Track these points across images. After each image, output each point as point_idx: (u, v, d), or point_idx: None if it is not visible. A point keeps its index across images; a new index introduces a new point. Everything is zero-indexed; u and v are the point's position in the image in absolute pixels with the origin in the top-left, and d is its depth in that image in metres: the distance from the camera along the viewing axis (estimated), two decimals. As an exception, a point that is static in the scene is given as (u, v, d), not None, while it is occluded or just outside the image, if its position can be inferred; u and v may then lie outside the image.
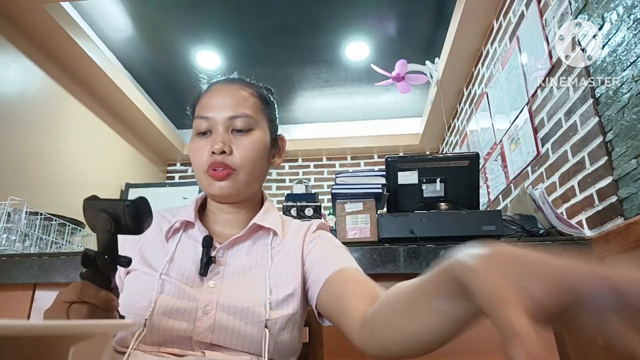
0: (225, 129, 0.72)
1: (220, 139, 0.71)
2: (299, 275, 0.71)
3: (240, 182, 0.73)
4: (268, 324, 0.64)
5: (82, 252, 0.51)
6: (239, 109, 0.73)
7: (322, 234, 0.78)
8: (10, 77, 2.31)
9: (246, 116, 0.73)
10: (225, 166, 0.71)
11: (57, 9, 2.37)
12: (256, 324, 0.64)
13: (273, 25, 2.90)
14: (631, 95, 1.17)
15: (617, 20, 1.24)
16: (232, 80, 0.79)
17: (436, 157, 1.70)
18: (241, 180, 0.73)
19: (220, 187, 0.71)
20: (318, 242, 0.75)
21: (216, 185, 0.71)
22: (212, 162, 0.71)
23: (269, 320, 0.64)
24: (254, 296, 0.66)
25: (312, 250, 0.74)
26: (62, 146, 2.73)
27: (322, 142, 4.17)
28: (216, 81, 0.80)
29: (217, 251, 0.71)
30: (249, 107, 0.75)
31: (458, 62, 2.77)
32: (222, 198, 0.75)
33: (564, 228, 1.27)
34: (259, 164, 0.75)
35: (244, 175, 0.73)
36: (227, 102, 0.74)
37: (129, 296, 0.65)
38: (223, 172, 0.71)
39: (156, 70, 3.37)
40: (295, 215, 1.63)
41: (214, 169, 0.71)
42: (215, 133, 0.72)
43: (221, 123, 0.72)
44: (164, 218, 0.78)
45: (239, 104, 0.74)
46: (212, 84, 0.79)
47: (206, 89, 0.79)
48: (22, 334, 0.22)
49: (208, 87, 0.79)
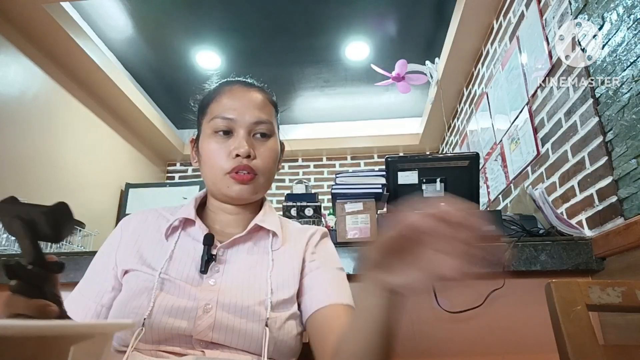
0: (247, 133, 0.73)
1: (245, 142, 0.72)
2: (297, 283, 0.72)
3: (259, 187, 0.74)
4: (268, 322, 0.64)
5: (1, 262, 0.45)
6: (262, 115, 0.75)
7: (325, 248, 0.79)
8: (10, 77, 2.31)
9: (268, 122, 0.75)
10: (250, 170, 0.72)
11: (57, 9, 2.37)
12: (257, 323, 0.64)
13: (273, 25, 2.90)
14: (631, 95, 1.17)
15: (617, 20, 1.24)
16: (251, 85, 0.80)
17: (436, 157, 1.70)
18: (260, 185, 0.74)
19: (241, 190, 0.72)
20: (319, 257, 0.76)
21: (237, 188, 0.72)
22: (237, 165, 0.71)
23: (270, 319, 0.64)
24: (254, 295, 0.66)
25: (312, 267, 0.74)
26: (62, 146, 2.73)
27: (322, 142, 4.17)
28: (233, 82, 0.79)
29: (218, 249, 0.71)
30: (269, 114, 0.77)
31: (458, 62, 2.77)
32: (237, 200, 0.75)
33: (564, 228, 1.27)
34: (274, 169, 0.78)
35: (263, 181, 0.75)
36: (251, 106, 0.75)
37: (127, 296, 0.65)
38: (248, 176, 0.72)
39: (156, 70, 3.37)
40: (295, 215, 1.63)
41: (236, 172, 0.71)
42: (237, 136, 0.73)
43: (244, 126, 0.73)
44: (162, 216, 0.77)
45: (262, 109, 0.75)
46: (228, 84, 0.79)
47: (222, 89, 0.78)
48: (22, 334, 0.22)
49: (222, 86, 0.79)
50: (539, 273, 1.15)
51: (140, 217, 0.78)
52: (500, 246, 1.17)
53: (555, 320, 0.67)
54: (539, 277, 1.17)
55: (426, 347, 1.13)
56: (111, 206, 3.30)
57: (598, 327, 1.13)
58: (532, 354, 1.12)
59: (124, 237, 0.74)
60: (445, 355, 1.13)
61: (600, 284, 0.69)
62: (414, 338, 1.14)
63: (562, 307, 0.66)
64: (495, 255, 0.41)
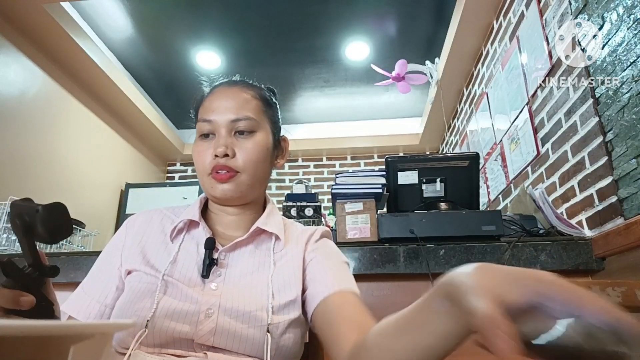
0: (227, 132, 0.73)
1: (223, 142, 0.71)
2: (300, 283, 0.71)
3: (242, 185, 0.73)
4: (270, 328, 0.63)
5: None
6: (241, 111, 0.74)
7: (325, 244, 0.78)
8: (10, 77, 2.31)
9: (248, 119, 0.74)
10: (228, 169, 0.71)
11: (57, 9, 2.37)
12: (258, 328, 0.63)
13: (273, 25, 2.90)
14: (631, 95, 1.17)
15: (617, 20, 1.24)
16: (234, 83, 0.79)
17: (436, 157, 1.70)
18: (243, 183, 0.73)
19: (223, 189, 0.71)
20: (320, 252, 0.75)
21: (219, 187, 0.71)
22: (215, 165, 0.71)
23: (271, 325, 0.64)
24: (256, 300, 0.66)
25: (314, 260, 0.74)
26: (62, 146, 2.73)
27: (322, 142, 4.17)
28: (218, 84, 0.80)
29: (219, 253, 0.71)
30: (251, 110, 0.75)
31: (458, 62, 2.77)
32: (224, 201, 0.75)
33: (564, 228, 1.27)
34: (262, 166, 0.75)
35: (246, 178, 0.73)
36: (230, 105, 0.74)
37: (130, 296, 0.65)
38: (226, 175, 0.71)
39: (156, 70, 3.37)
40: (295, 215, 1.63)
41: (216, 172, 0.71)
42: (218, 136, 0.73)
43: (224, 126, 0.73)
44: (167, 217, 0.77)
45: (241, 106, 0.74)
46: (214, 87, 0.79)
47: (209, 92, 0.79)
48: (22, 334, 0.22)
49: (210, 89, 0.79)
50: (539, 273, 1.15)
51: (145, 217, 0.78)
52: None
53: (555, 320, 0.67)
54: (539, 277, 1.17)
55: (426, 347, 1.13)
56: (111, 206, 3.30)
57: (598, 327, 1.12)
58: (532, 354, 1.12)
59: (128, 236, 0.74)
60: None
61: (600, 284, 0.69)
62: (414, 338, 1.14)
63: (562, 307, 0.66)
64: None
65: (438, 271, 1.15)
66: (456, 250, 1.17)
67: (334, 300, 0.66)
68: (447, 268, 1.15)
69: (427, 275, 1.13)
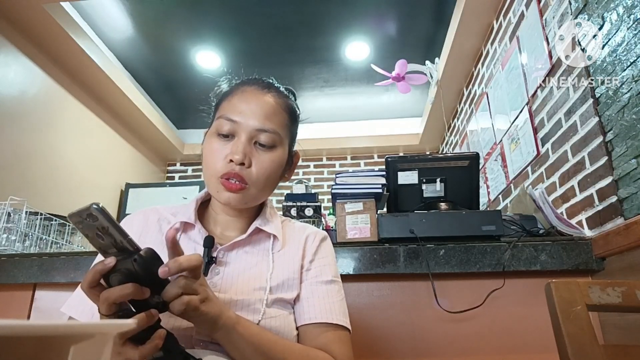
0: (248, 139, 0.70)
1: (242, 148, 0.69)
2: (298, 287, 0.72)
3: (248, 197, 0.72)
4: (264, 318, 0.65)
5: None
6: (267, 123, 0.71)
7: (323, 255, 0.78)
8: (10, 77, 2.31)
9: (273, 132, 0.71)
10: (240, 179, 0.69)
11: (57, 9, 2.37)
12: (255, 321, 0.64)
13: (273, 25, 2.90)
14: (631, 95, 1.17)
15: (617, 20, 1.24)
16: (267, 87, 0.76)
17: (436, 157, 1.70)
18: (250, 196, 0.72)
19: (229, 197, 0.70)
20: (315, 266, 0.75)
21: (225, 194, 0.70)
22: (228, 171, 0.69)
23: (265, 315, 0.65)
24: (253, 294, 0.67)
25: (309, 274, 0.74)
26: (62, 146, 2.73)
27: (322, 142, 4.17)
28: (250, 81, 0.77)
29: (218, 252, 0.71)
30: (277, 123, 0.73)
31: (458, 62, 2.77)
32: (226, 206, 0.75)
33: (564, 228, 1.27)
34: (272, 180, 0.74)
35: (254, 192, 0.72)
36: (258, 112, 0.71)
37: None
38: (236, 186, 0.69)
39: (156, 70, 3.37)
40: (295, 215, 1.63)
41: (227, 179, 0.69)
42: (238, 140, 0.70)
43: (246, 131, 0.70)
44: (163, 217, 0.77)
45: (269, 117, 0.71)
46: (245, 84, 0.76)
47: (237, 88, 0.75)
48: (22, 334, 0.22)
49: (239, 85, 0.76)
50: (539, 273, 1.15)
51: (141, 216, 0.78)
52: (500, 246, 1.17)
53: (555, 320, 0.67)
54: (539, 277, 1.17)
55: (426, 347, 1.13)
56: (111, 206, 3.30)
57: (598, 327, 1.13)
58: (532, 354, 1.12)
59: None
60: (445, 355, 1.13)
61: (600, 284, 0.69)
62: (414, 338, 1.14)
63: (562, 307, 0.66)
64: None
65: (438, 271, 1.15)
66: (456, 250, 1.17)
67: (310, 330, 0.69)
68: (447, 268, 1.15)
69: (427, 275, 1.13)
